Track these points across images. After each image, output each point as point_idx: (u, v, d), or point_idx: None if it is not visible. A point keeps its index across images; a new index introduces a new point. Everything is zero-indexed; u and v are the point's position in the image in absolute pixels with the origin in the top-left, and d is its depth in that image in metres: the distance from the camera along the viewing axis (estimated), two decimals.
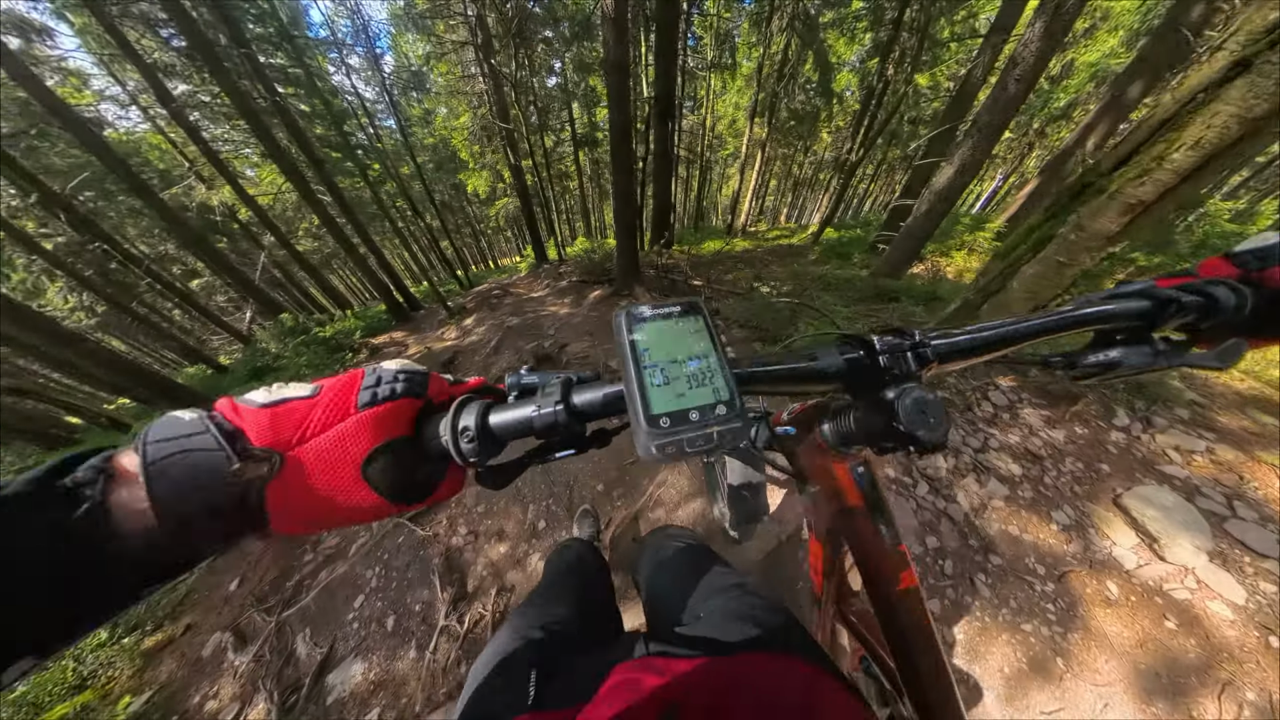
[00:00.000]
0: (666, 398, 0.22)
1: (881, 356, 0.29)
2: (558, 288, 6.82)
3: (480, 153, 11.13)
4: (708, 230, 11.56)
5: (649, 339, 0.25)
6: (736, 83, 13.66)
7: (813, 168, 20.81)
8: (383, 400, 0.23)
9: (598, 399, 0.27)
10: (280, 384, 0.23)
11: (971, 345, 0.31)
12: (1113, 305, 0.31)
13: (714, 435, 0.22)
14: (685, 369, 0.24)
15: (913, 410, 0.26)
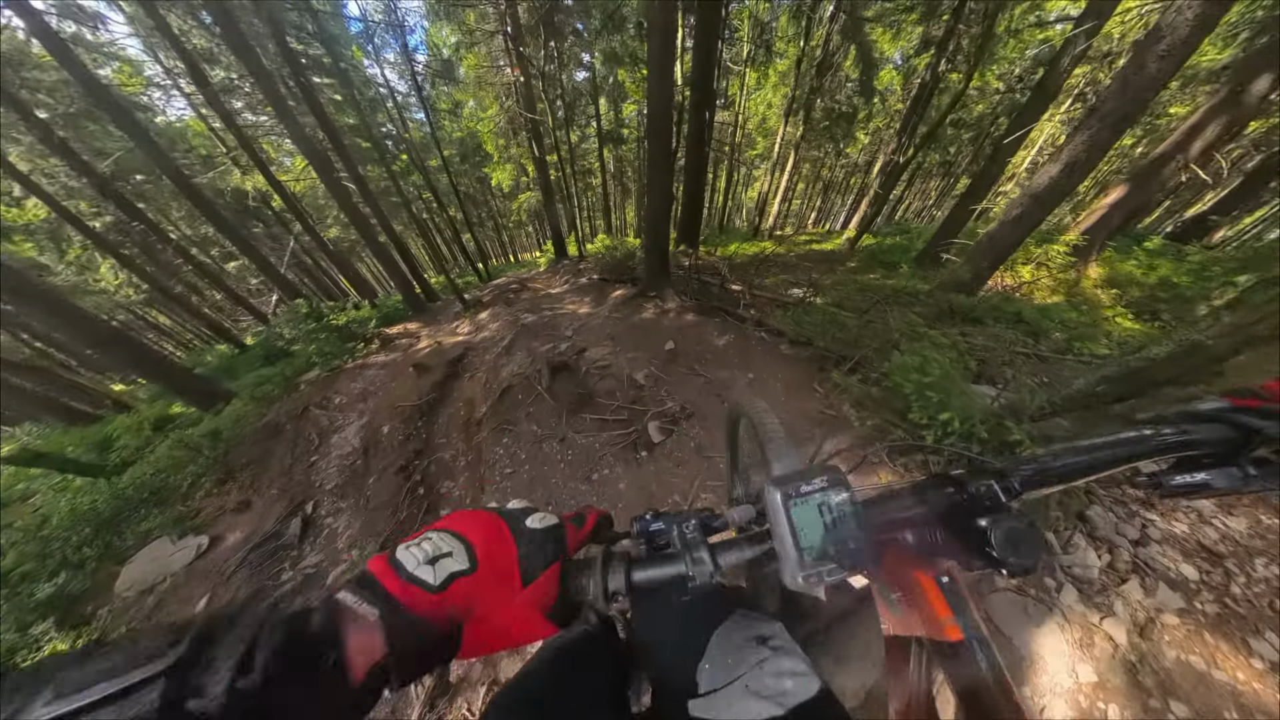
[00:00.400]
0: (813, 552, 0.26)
1: (970, 487, 0.31)
2: (577, 285, 6.55)
3: (505, 146, 11.00)
4: (733, 232, 11.09)
5: (802, 517, 0.27)
6: (770, 79, 13.10)
7: (844, 171, 19.93)
8: (540, 569, 0.27)
9: (744, 558, 0.29)
10: (435, 545, 0.25)
11: (1058, 474, 0.32)
12: (1198, 434, 0.32)
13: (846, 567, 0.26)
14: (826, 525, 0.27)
15: (1004, 541, 0.27)
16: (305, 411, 3.80)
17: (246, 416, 3.82)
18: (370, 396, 4.02)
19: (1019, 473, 0.30)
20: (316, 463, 3.20)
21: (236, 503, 2.90)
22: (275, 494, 2.95)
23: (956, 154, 16.09)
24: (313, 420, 3.70)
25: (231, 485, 3.11)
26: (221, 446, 3.35)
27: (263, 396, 4.17)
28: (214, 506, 2.94)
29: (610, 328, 3.70)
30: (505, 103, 9.86)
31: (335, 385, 4.29)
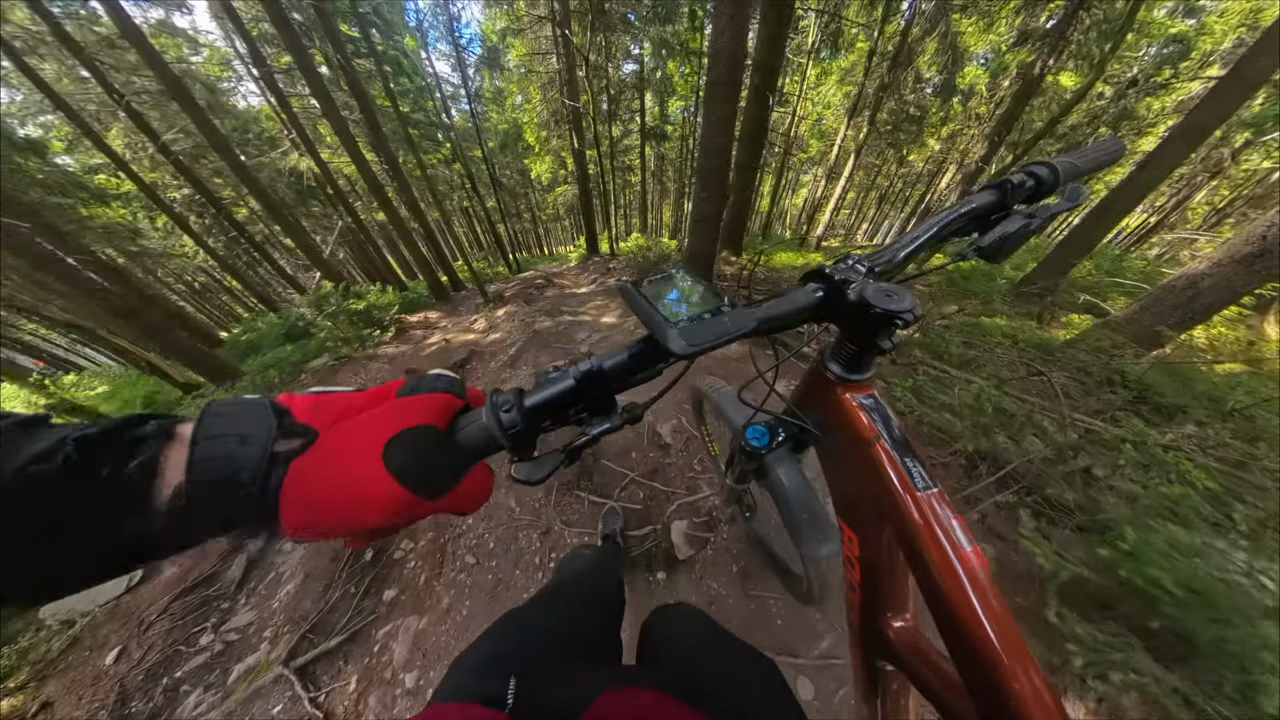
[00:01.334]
0: (681, 312, 0.27)
1: (838, 278, 0.32)
2: (604, 286, 5.95)
3: (546, 138, 10.59)
4: (777, 239, 10.07)
5: (659, 289, 0.31)
6: (833, 75, 11.82)
7: (901, 180, 18.03)
8: (417, 390, 0.24)
9: (624, 357, 0.30)
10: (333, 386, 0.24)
11: (904, 257, 0.38)
12: (976, 203, 0.39)
13: (725, 322, 0.25)
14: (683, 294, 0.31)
15: (877, 294, 0.29)
16: None
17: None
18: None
19: (874, 261, 0.36)
20: None
21: None
22: None
23: None
24: None
25: None
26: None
27: (264, 383, 3.88)
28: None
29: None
30: (549, 93, 9.42)
31: (337, 377, 3.94)
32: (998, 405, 1.33)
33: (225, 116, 10.15)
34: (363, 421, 0.21)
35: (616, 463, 1.72)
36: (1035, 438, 1.33)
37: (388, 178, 6.24)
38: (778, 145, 10.06)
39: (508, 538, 1.52)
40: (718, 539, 1.44)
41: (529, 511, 1.56)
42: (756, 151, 4.66)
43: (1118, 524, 0.94)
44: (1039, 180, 0.38)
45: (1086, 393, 1.73)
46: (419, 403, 0.23)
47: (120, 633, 1.85)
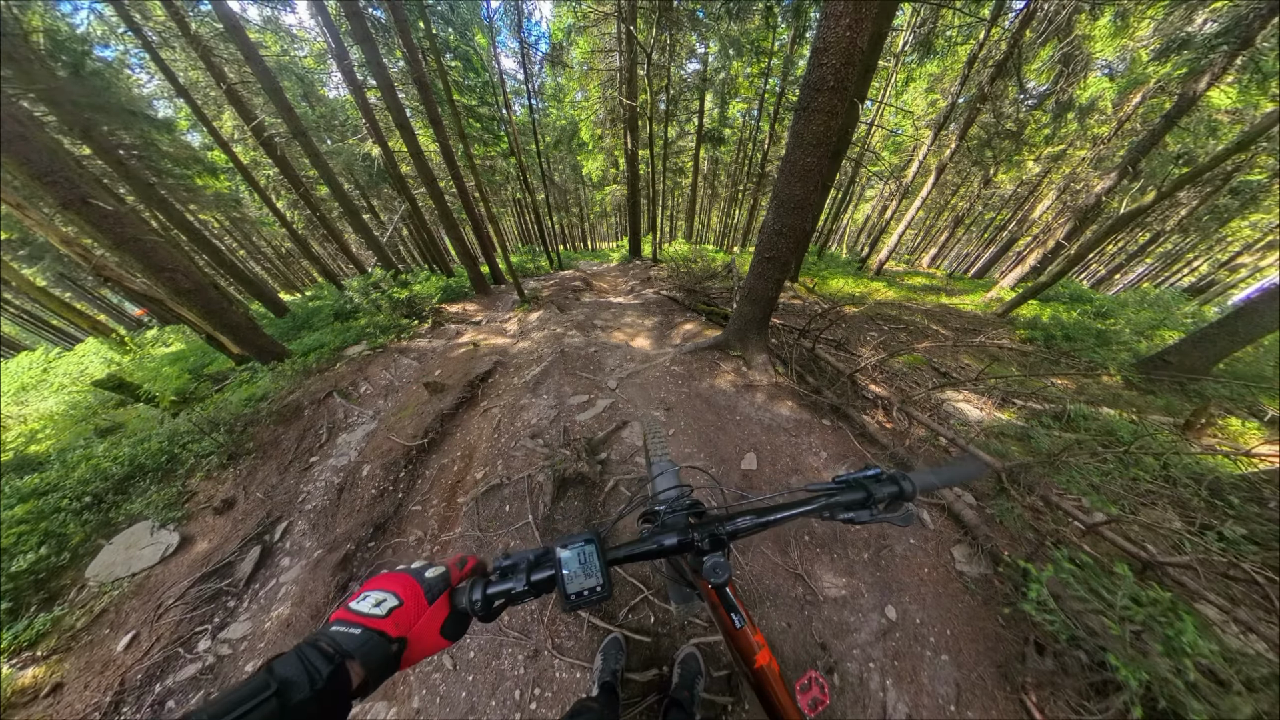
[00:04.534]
0: (576, 586, 0.45)
1: (694, 537, 0.52)
2: (643, 298, 5.65)
3: (600, 136, 10.39)
4: (833, 260, 9.22)
5: (566, 557, 0.47)
6: (919, 82, 10.53)
7: (982, 203, 15.93)
8: (438, 594, 0.43)
9: (546, 578, 0.46)
10: (368, 594, 0.41)
11: (754, 526, 0.54)
12: (845, 495, 0.55)
13: (594, 598, 0.45)
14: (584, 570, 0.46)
15: (709, 569, 0.49)
16: (328, 398, 3.49)
17: (279, 390, 3.64)
18: (392, 394, 3.61)
19: (726, 530, 0.53)
20: (314, 466, 2.79)
21: (222, 500, 2.57)
22: (260, 498, 2.58)
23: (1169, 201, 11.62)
24: (330, 410, 3.36)
25: (229, 473, 2.84)
26: (240, 423, 3.13)
27: (303, 369, 4.01)
28: (204, 495, 2.65)
29: (667, 388, 2.72)
30: (608, 91, 9.16)
31: (369, 369, 3.98)
32: (1188, 643, 0.87)
33: (317, 104, 10.96)
34: (424, 625, 0.41)
35: (628, 569, 1.44)
36: (1240, 693, 0.86)
37: (442, 170, 6.31)
38: (849, 157, 9.14)
39: (490, 650, 1.28)
40: (738, 711, 1.11)
41: (518, 626, 1.31)
42: (834, 167, 4.10)
43: None
44: (901, 490, 0.54)
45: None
46: (441, 603, 0.43)
47: (139, 612, 1.87)
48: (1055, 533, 1.28)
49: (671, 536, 0.53)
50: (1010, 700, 1.11)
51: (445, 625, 0.42)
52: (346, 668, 0.35)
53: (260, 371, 3.96)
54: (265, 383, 3.73)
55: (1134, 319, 4.79)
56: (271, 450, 2.96)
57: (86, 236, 3.55)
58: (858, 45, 1.63)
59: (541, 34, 15.64)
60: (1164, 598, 0.97)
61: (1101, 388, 2.78)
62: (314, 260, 10.12)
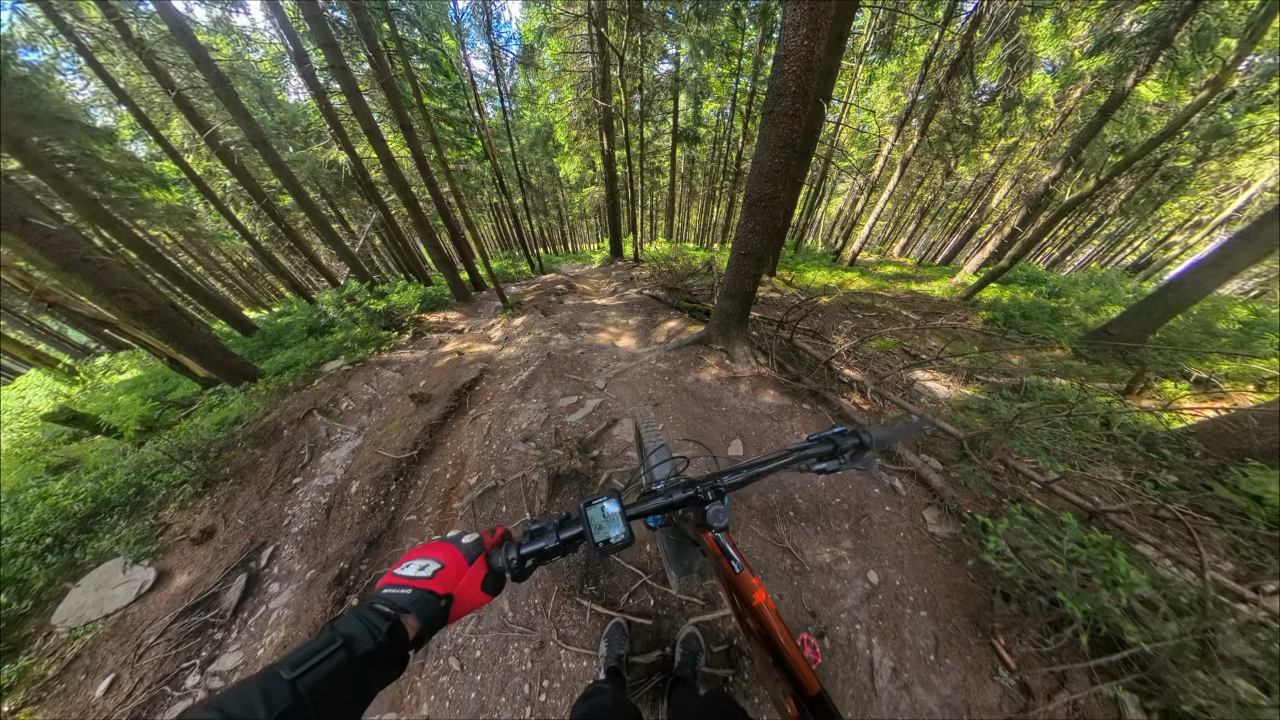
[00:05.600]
0: (603, 534, 0.51)
1: (697, 489, 0.59)
2: (626, 298, 5.70)
3: (576, 138, 10.37)
4: (809, 254, 9.51)
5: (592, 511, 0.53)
6: (882, 80, 10.99)
7: (945, 195, 16.78)
8: (475, 556, 0.48)
9: (572, 533, 0.51)
10: (411, 561, 0.46)
11: (747, 479, 0.61)
12: (816, 446, 0.64)
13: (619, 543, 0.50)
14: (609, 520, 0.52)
15: (713, 515, 0.57)
16: (307, 416, 3.38)
17: (253, 411, 3.50)
18: (375, 408, 3.53)
19: (723, 482, 0.60)
20: (297, 488, 2.70)
21: (201, 529, 2.47)
22: (242, 524, 2.48)
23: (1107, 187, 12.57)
24: (311, 429, 3.26)
25: (206, 501, 2.71)
26: (214, 449, 3.00)
27: (277, 388, 3.86)
28: (180, 526, 2.53)
29: (655, 385, 2.78)
30: (581, 92, 9.16)
31: (349, 384, 3.87)
32: (1124, 577, 0.99)
33: (276, 110, 10.47)
34: (468, 581, 0.46)
35: (627, 556, 1.48)
36: (1168, 616, 0.99)
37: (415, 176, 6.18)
38: (819, 154, 9.46)
39: (496, 647, 1.30)
40: (738, 681, 1.18)
41: (523, 619, 1.33)
42: (803, 165, 4.26)
43: None
44: (861, 442, 0.63)
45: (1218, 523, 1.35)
46: (479, 564, 0.48)
47: (118, 654, 1.78)
48: (1013, 491, 1.41)
49: (680, 491, 0.59)
50: (982, 645, 1.22)
51: (485, 582, 0.46)
52: (403, 622, 0.39)
53: (231, 394, 3.79)
54: (238, 405, 3.57)
55: (1083, 297, 5.18)
56: (250, 474, 2.85)
57: (23, 259, 3.31)
58: (815, 53, 1.73)
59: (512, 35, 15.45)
60: (1105, 540, 1.10)
61: (1054, 361, 3.02)
62: (281, 274, 9.70)
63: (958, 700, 1.11)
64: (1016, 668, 1.15)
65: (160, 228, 11.49)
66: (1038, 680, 1.13)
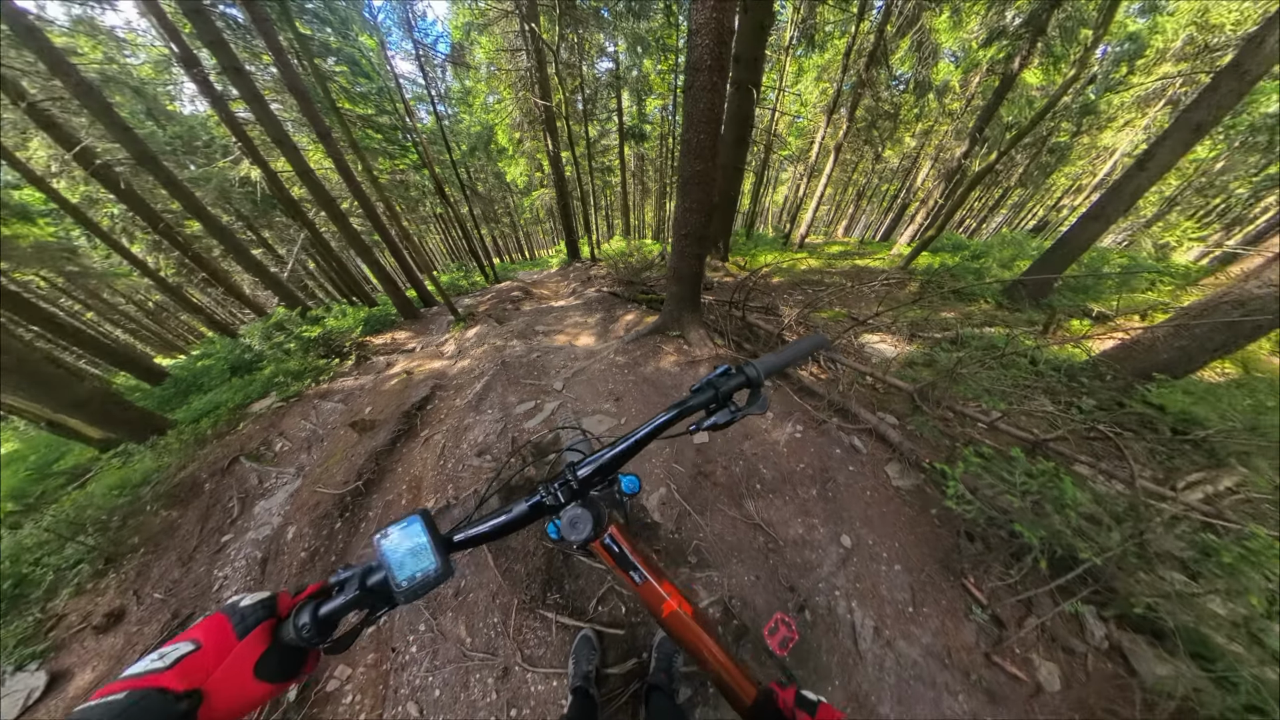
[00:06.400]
0: (406, 572, 0.39)
1: (546, 498, 0.47)
2: (584, 297, 5.53)
3: (519, 140, 10.00)
4: (761, 240, 9.82)
5: (390, 544, 0.40)
6: (810, 73, 11.59)
7: (878, 177, 18.09)
8: (252, 627, 0.34)
9: (380, 578, 0.39)
10: (161, 649, 0.32)
11: (608, 463, 0.50)
12: (696, 399, 0.51)
13: (429, 580, 0.39)
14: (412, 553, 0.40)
15: (567, 526, 0.45)
16: (233, 464, 2.93)
17: (164, 468, 2.98)
18: (316, 445, 3.13)
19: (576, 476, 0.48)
20: (227, 546, 2.31)
21: (105, 614, 2.03)
22: (159, 599, 2.08)
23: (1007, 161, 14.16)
24: (240, 478, 2.83)
25: (110, 579, 2.26)
26: (115, 518, 2.51)
27: (194, 438, 3.34)
28: (78, 615, 2.08)
29: (614, 380, 2.67)
30: (520, 92, 8.84)
31: (283, 423, 3.42)
32: (1070, 498, 1.02)
33: (168, 123, 9.16)
34: (231, 666, 0.32)
35: (593, 557, 1.36)
36: (1110, 527, 1.04)
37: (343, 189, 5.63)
38: (759, 143, 9.78)
39: (457, 682, 1.13)
40: None
41: (483, 644, 1.17)
42: (742, 152, 4.32)
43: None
44: (748, 378, 0.52)
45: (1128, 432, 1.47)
46: (254, 637, 0.34)
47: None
48: (964, 435, 1.44)
49: (517, 507, 0.47)
50: (954, 587, 1.22)
51: (262, 664, 0.33)
52: None
53: (137, 452, 3.22)
54: (146, 463, 3.03)
55: (999, 256, 5.72)
56: (167, 540, 2.42)
57: None
58: (726, 25, 1.71)
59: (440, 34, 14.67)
60: (1049, 467, 1.13)
61: (982, 313, 3.28)
62: (196, 311, 8.56)
63: (938, 645, 1.10)
64: (988, 603, 1.16)
65: (30, 270, 9.75)
66: (1007, 610, 1.14)
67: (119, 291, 13.90)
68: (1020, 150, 12.67)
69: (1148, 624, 1.01)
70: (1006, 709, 0.99)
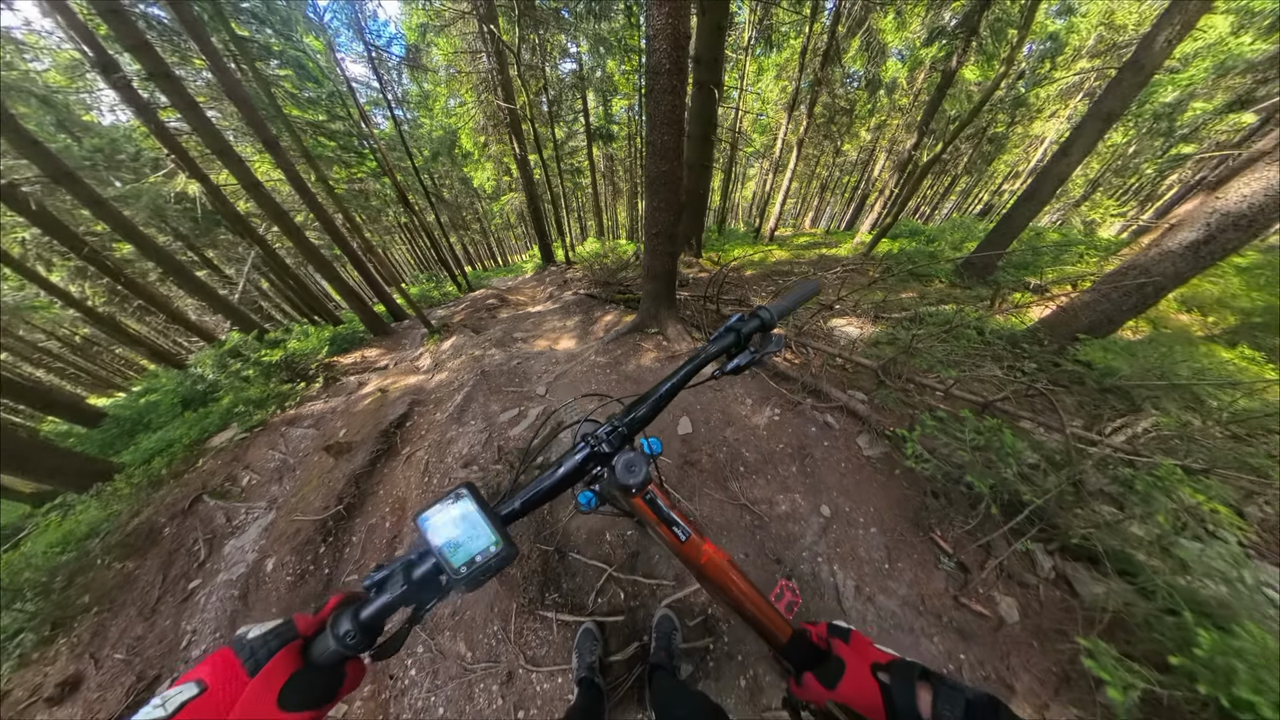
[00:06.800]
0: (463, 555, 0.35)
1: (596, 444, 0.48)
2: (562, 301, 5.50)
3: (484, 144, 9.79)
4: (732, 235, 10.07)
5: (436, 526, 0.37)
6: (770, 72, 11.99)
7: (839, 170, 18.93)
8: (265, 660, 0.30)
9: (427, 567, 0.36)
10: (163, 692, 0.28)
11: (652, 412, 0.52)
12: (717, 344, 0.56)
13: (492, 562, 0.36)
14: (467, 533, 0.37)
15: (623, 470, 0.46)
16: (195, 504, 2.74)
17: (114, 517, 2.74)
18: (289, 474, 2.97)
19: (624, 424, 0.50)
20: (195, 593, 2.16)
21: (58, 683, 1.85)
22: (121, 660, 1.92)
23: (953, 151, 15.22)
24: (204, 518, 2.64)
25: (60, 645, 2.06)
26: (60, 577, 2.29)
27: (145, 481, 3.08)
28: (25, 689, 1.89)
29: (597, 380, 2.69)
30: (482, 95, 8.66)
31: (249, 455, 3.22)
32: (1011, 448, 1.15)
33: (86, 135, 8.32)
34: (247, 704, 0.28)
35: (588, 553, 1.38)
36: (1047, 472, 1.18)
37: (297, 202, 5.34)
38: (725, 141, 10.02)
39: (461, 697, 1.13)
40: (718, 646, 1.15)
41: (484, 654, 1.17)
42: (707, 150, 4.44)
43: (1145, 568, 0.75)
44: (763, 321, 0.57)
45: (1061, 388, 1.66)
46: (274, 668, 0.30)
47: None
48: (923, 403, 1.58)
49: (569, 459, 0.47)
50: (924, 541, 1.34)
51: (287, 692, 0.30)
52: None
53: (80, 503, 2.94)
54: (91, 514, 2.78)
55: (950, 239, 6.16)
56: (124, 594, 2.23)
57: None
58: (681, 30, 1.78)
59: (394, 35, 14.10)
60: (994, 423, 1.26)
61: (937, 292, 3.55)
62: (134, 343, 7.86)
63: (913, 595, 1.20)
64: (953, 552, 1.28)
65: None
66: (970, 556, 1.26)
67: (38, 327, 12.50)
68: (964, 140, 13.66)
69: (1085, 552, 1.15)
70: (976, 644, 1.10)
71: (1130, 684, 0.75)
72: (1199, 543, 0.98)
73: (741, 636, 1.16)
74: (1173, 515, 0.99)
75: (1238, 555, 0.89)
